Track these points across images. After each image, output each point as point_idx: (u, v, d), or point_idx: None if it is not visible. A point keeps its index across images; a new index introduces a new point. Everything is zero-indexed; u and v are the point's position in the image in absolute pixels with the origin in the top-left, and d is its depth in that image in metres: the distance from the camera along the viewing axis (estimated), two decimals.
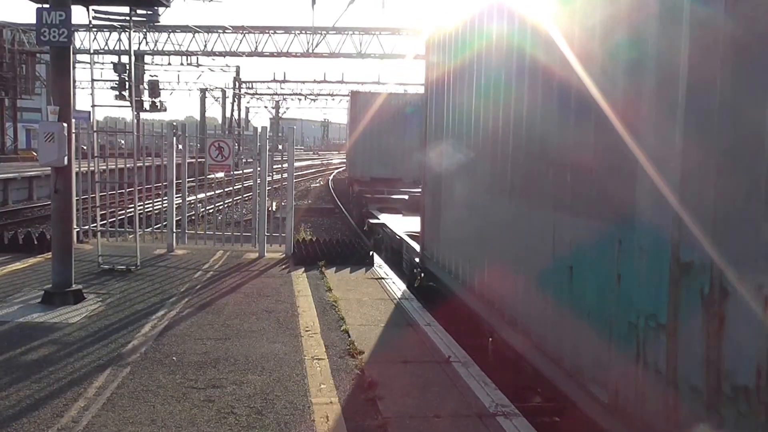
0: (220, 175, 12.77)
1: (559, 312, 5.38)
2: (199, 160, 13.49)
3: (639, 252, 4.24)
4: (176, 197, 12.62)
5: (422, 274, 10.56)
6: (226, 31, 44.39)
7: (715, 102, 3.52)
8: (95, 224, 12.12)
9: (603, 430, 4.60)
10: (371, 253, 11.67)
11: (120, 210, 12.92)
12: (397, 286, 9.76)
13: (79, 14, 9.27)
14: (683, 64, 3.82)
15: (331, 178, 45.33)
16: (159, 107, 52.36)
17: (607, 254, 4.59)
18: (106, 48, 43.78)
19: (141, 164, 12.60)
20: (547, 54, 5.67)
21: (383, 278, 10.31)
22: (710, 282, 3.54)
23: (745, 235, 3.29)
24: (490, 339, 7.24)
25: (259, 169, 12.19)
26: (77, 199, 11.56)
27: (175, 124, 13.12)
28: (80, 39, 39.80)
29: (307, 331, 7.35)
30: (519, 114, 6.34)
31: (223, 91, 67.87)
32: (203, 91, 68.55)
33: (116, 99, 44.07)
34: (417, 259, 10.94)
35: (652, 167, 4.07)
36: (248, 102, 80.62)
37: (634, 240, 4.29)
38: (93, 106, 11.14)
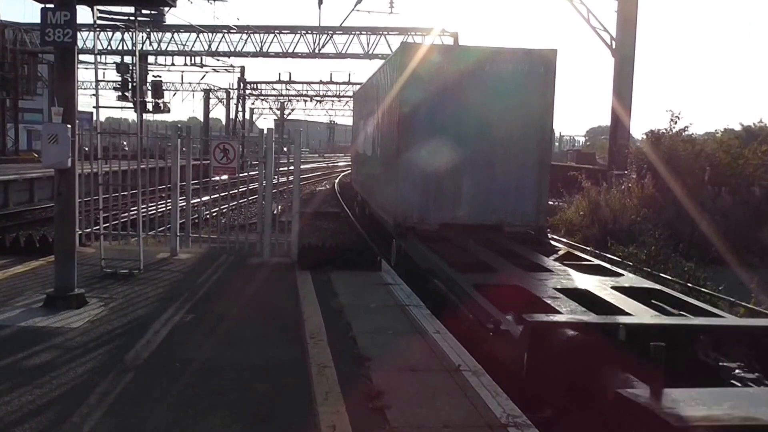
0: (225, 177, 12.65)
1: None
2: (204, 162, 13.38)
3: None
4: (180, 200, 12.53)
5: None
6: (231, 31, 44.29)
7: None
8: (98, 227, 12.01)
9: None
10: (378, 258, 11.52)
11: (123, 213, 12.81)
12: (405, 293, 9.61)
13: (83, 14, 9.19)
14: None
15: (336, 181, 45.21)
16: (162, 108, 52.37)
17: None
18: (109, 48, 43.77)
19: (144, 166, 12.50)
20: None
21: (391, 284, 10.16)
22: None
23: None
24: None
25: (264, 171, 12.08)
26: (79, 202, 11.46)
27: (179, 125, 13.02)
28: (83, 39, 39.77)
29: (312, 337, 7.23)
30: None
31: (228, 92, 67.94)
32: (207, 92, 68.66)
33: (118, 100, 44.12)
34: None
35: None
36: (253, 103, 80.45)
37: None
38: (96, 107, 11.04)
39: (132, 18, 10.82)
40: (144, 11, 10.84)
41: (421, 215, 13.25)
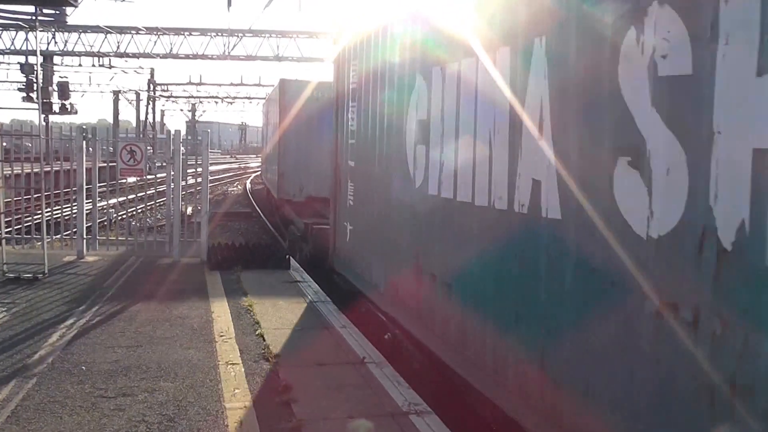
0: (132, 179, 12.46)
1: None
2: (111, 164, 13.16)
3: None
4: (87, 202, 12.27)
5: None
6: (140, 32, 43.24)
7: None
8: None
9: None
10: (287, 256, 11.65)
11: (27, 216, 12.45)
12: (312, 290, 9.78)
13: None
14: None
15: (248, 182, 44.72)
16: (69, 110, 50.49)
17: None
18: (12, 48, 42.03)
19: (49, 169, 12.19)
20: None
21: (299, 281, 10.32)
22: None
23: None
24: None
25: (173, 173, 11.98)
26: None
27: (84, 127, 12.76)
28: None
29: (221, 336, 7.30)
30: None
31: (137, 94, 66.14)
32: (116, 93, 66.66)
33: (24, 101, 42.32)
34: None
35: None
36: (164, 105, 78.92)
37: None
38: None
39: (33, 17, 10.55)
40: (46, 11, 10.53)
41: None
